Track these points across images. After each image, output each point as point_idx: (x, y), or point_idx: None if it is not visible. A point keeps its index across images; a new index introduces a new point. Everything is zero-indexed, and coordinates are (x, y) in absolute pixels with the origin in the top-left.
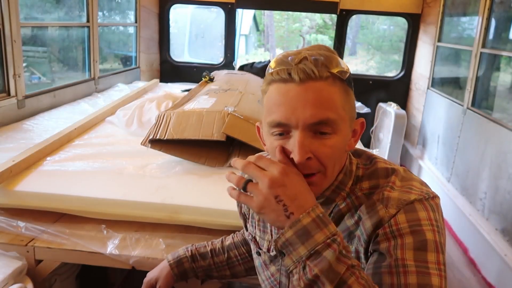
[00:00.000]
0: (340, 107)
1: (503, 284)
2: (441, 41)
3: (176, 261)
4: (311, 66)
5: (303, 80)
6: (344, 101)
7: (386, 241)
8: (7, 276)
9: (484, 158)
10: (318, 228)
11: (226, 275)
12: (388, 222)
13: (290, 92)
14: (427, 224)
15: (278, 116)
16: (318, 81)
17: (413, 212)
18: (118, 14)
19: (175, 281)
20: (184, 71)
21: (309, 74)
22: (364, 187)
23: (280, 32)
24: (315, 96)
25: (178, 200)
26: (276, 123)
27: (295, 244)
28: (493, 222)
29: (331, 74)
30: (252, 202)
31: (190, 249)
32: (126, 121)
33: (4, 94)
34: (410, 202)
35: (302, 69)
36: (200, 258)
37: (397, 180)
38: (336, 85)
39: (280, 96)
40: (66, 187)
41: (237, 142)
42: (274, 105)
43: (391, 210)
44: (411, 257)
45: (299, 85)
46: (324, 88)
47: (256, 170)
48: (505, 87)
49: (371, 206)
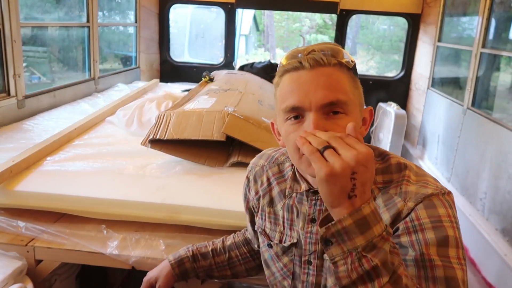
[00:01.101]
0: (349, 91)
1: (503, 284)
2: (441, 41)
3: (177, 261)
4: (320, 55)
5: (313, 66)
6: (353, 87)
7: (408, 235)
8: (7, 276)
9: (484, 158)
10: (376, 220)
11: (227, 275)
12: (409, 216)
13: (302, 77)
14: (447, 220)
15: (292, 100)
16: (327, 67)
17: (433, 208)
18: (118, 14)
19: (176, 280)
20: (184, 71)
21: (319, 61)
22: (378, 181)
23: (280, 32)
24: (326, 79)
25: (178, 200)
26: (290, 107)
27: (353, 233)
28: (493, 222)
29: (338, 62)
30: (323, 167)
31: (191, 249)
32: (126, 121)
33: (4, 94)
34: (428, 196)
35: (312, 57)
36: (201, 258)
37: (412, 175)
38: (344, 71)
39: (292, 83)
40: (66, 187)
41: (237, 142)
42: (288, 92)
43: (409, 203)
44: (435, 252)
45: (310, 71)
46: (333, 73)
47: (344, 144)
48: (505, 87)
49: (388, 199)
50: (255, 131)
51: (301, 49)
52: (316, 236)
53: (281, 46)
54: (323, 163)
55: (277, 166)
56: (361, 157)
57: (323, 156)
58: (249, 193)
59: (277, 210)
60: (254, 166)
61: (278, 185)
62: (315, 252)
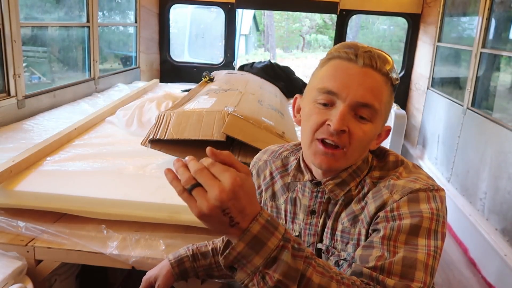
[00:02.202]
0: (383, 103)
1: (503, 284)
2: (441, 41)
3: (177, 260)
4: (376, 58)
5: (366, 65)
6: (387, 101)
7: (385, 221)
8: (7, 276)
9: (484, 158)
10: (269, 233)
11: (227, 275)
12: (391, 206)
13: (351, 70)
14: (428, 213)
15: (332, 85)
16: (377, 72)
17: (416, 202)
18: (118, 14)
19: (175, 280)
20: (184, 71)
21: (372, 63)
22: (374, 176)
23: (280, 32)
24: (371, 82)
25: (178, 200)
26: (327, 90)
27: (249, 256)
28: (493, 222)
29: (387, 73)
30: (194, 207)
31: (191, 248)
32: (126, 121)
33: (4, 94)
34: (415, 191)
35: (369, 56)
36: (201, 257)
37: (404, 172)
38: (387, 84)
39: (339, 71)
40: (66, 187)
41: (237, 142)
42: (331, 75)
43: (395, 196)
44: (403, 240)
45: (361, 68)
46: (380, 80)
47: (207, 178)
48: (505, 87)
49: (377, 191)
50: (255, 131)
51: (360, 45)
52: (315, 227)
53: (281, 46)
54: (193, 203)
55: (281, 160)
56: (227, 192)
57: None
58: None
59: (279, 204)
60: (258, 160)
61: (281, 179)
62: (313, 244)
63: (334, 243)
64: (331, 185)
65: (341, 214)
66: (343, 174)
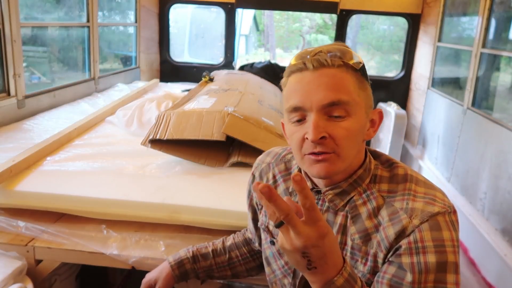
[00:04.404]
0: (354, 92)
1: (503, 284)
2: (441, 41)
3: (177, 262)
4: (325, 56)
5: (317, 67)
6: (358, 88)
7: (410, 255)
8: (7, 276)
9: (484, 158)
10: (350, 286)
11: (227, 275)
12: (413, 236)
13: (305, 78)
14: (450, 245)
15: (295, 101)
16: (331, 68)
17: (438, 231)
18: (118, 14)
19: (175, 282)
20: (184, 71)
21: (322, 63)
22: (383, 189)
23: (280, 32)
24: (328, 80)
25: (178, 200)
26: (293, 107)
27: None
28: (493, 222)
29: (344, 63)
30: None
31: (191, 250)
32: (126, 121)
33: (4, 94)
34: (434, 215)
35: (316, 59)
36: (202, 258)
37: (418, 188)
38: (349, 72)
39: (296, 84)
40: (66, 187)
41: (237, 142)
42: (291, 92)
43: (414, 221)
44: (432, 280)
45: (313, 72)
46: (337, 74)
47: (296, 225)
48: (505, 87)
49: (393, 213)
50: (255, 131)
51: (309, 50)
52: None
53: (281, 46)
54: (280, 235)
55: (284, 163)
56: (309, 243)
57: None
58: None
59: None
60: (261, 163)
61: (284, 182)
62: None
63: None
64: (331, 194)
65: (350, 228)
66: (343, 184)
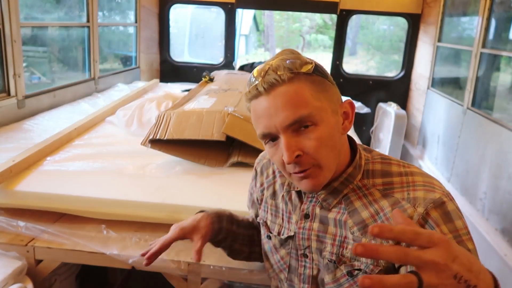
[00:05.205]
0: (313, 100)
1: (503, 284)
2: (441, 41)
3: (217, 216)
4: (273, 75)
5: (268, 90)
6: (317, 92)
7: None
8: (7, 276)
9: (484, 158)
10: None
11: (243, 252)
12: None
13: (262, 103)
14: (465, 233)
15: (261, 128)
16: (282, 86)
17: (451, 222)
18: (118, 14)
19: (208, 239)
20: (184, 71)
21: (272, 83)
22: (378, 183)
23: (280, 32)
24: (283, 100)
25: (178, 200)
26: (262, 135)
27: None
28: (493, 222)
29: (293, 74)
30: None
31: (226, 211)
32: (126, 121)
33: (4, 94)
34: (437, 200)
35: (266, 80)
36: (235, 222)
37: (416, 178)
38: (301, 81)
39: (257, 111)
40: (66, 187)
41: (237, 142)
42: (256, 120)
43: (419, 209)
44: None
45: (267, 95)
46: (289, 90)
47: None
48: (505, 87)
49: (395, 203)
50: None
51: (260, 70)
52: (309, 232)
53: (281, 46)
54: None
55: None
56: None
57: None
58: (255, 184)
59: (278, 203)
60: (262, 158)
61: (281, 178)
62: (309, 247)
63: (342, 250)
64: (324, 194)
65: (348, 222)
66: (335, 183)
